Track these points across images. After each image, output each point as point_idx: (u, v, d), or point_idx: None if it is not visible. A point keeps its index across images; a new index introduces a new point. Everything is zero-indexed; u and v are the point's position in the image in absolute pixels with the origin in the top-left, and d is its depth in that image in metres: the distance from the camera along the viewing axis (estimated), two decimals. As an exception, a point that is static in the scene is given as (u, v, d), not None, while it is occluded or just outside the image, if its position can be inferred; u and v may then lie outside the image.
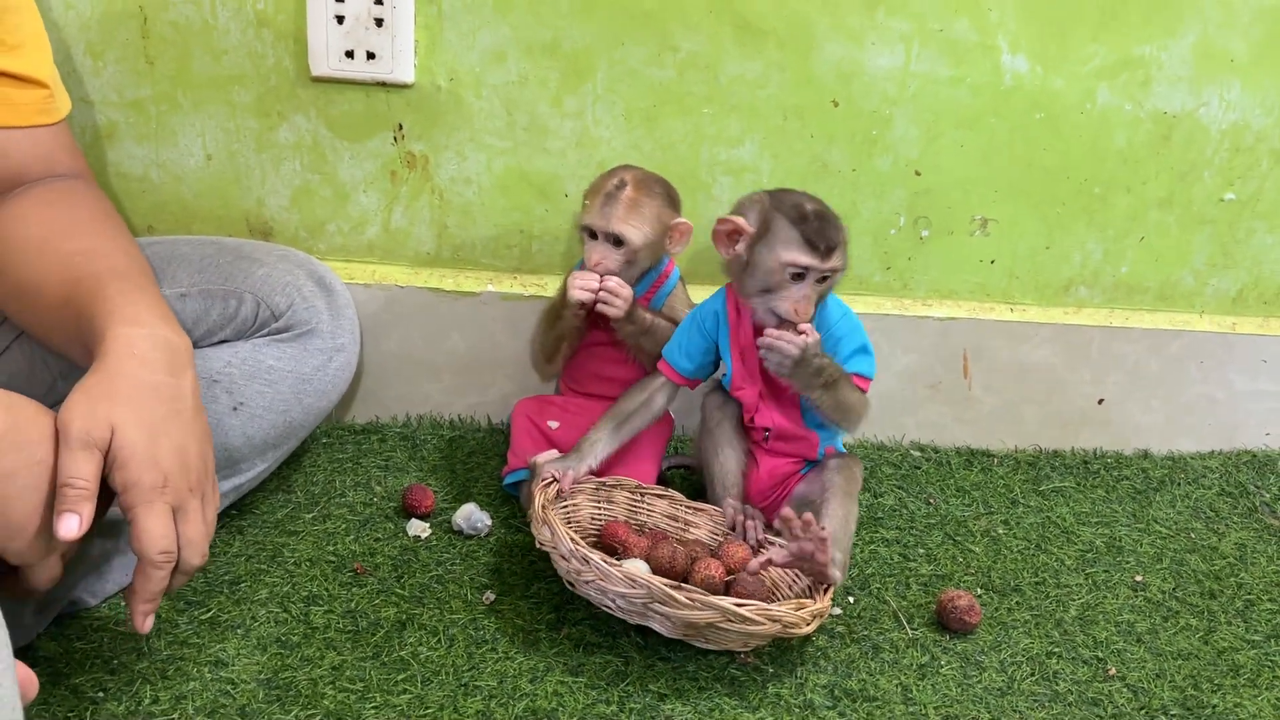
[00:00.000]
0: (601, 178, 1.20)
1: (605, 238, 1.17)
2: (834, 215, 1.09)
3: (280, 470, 1.26)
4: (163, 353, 0.86)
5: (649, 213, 1.17)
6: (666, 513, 1.20)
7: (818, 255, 1.06)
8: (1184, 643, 1.12)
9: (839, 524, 1.11)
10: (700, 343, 1.18)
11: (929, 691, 1.01)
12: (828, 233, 1.06)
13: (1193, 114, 1.34)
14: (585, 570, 0.98)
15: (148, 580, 0.81)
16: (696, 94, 1.29)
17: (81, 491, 0.77)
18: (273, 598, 1.06)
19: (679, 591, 0.95)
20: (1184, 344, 1.44)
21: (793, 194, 1.10)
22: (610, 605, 0.99)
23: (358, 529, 1.18)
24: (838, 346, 1.13)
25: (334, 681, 0.96)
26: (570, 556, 0.99)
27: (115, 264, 0.94)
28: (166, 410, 0.84)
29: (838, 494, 1.13)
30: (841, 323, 1.14)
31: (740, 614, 0.94)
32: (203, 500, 0.85)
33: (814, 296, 1.09)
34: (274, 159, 1.31)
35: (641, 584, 0.95)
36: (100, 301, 0.88)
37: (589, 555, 0.97)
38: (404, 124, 1.29)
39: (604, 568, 0.96)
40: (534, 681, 0.98)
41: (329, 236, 1.35)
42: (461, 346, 1.38)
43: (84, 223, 1.00)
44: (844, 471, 1.16)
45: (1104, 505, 1.37)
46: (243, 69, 1.26)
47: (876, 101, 1.30)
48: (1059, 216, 1.38)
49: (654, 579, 0.95)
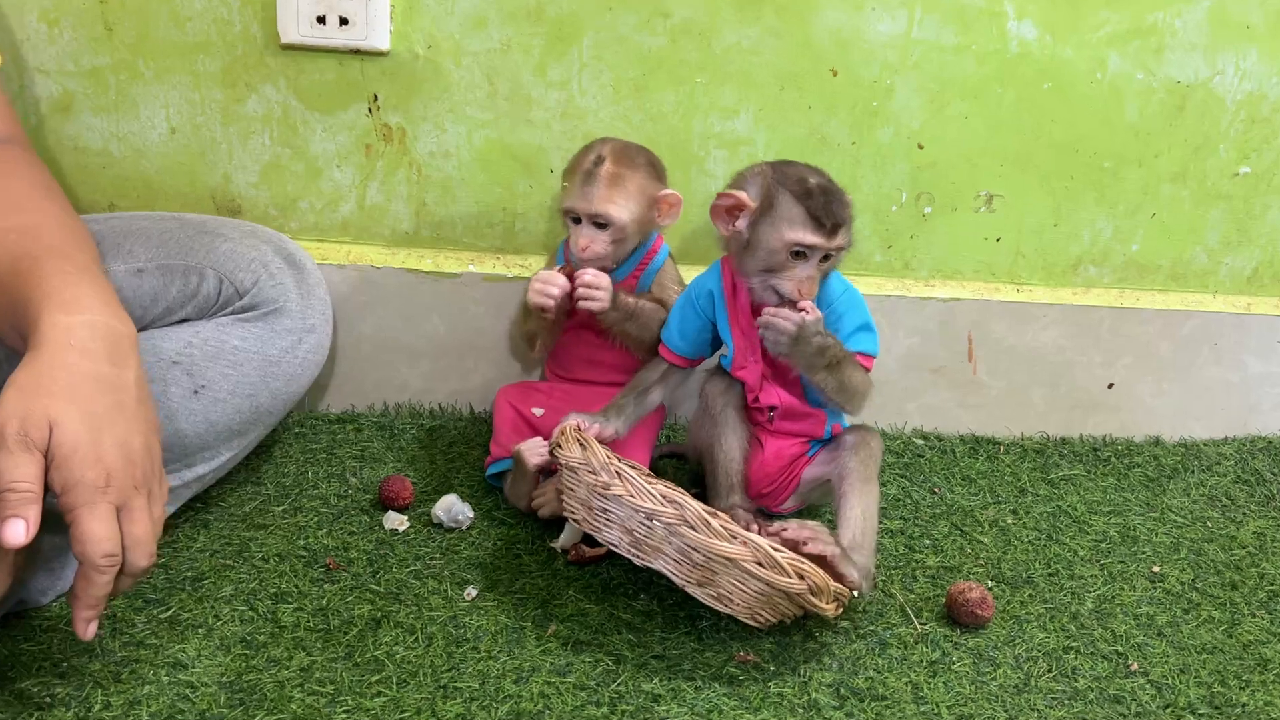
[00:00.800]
0: (579, 155, 1.14)
1: (590, 220, 1.11)
2: (839, 190, 1.03)
3: (249, 461, 1.19)
4: (104, 341, 0.80)
5: (633, 187, 1.11)
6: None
7: (823, 233, 1.01)
8: (1207, 636, 1.06)
9: (857, 527, 1.05)
10: (695, 322, 1.12)
11: (941, 690, 0.95)
12: (834, 209, 1.01)
13: (1207, 83, 1.28)
14: (614, 484, 0.93)
15: (90, 585, 0.76)
16: (689, 62, 1.22)
17: (24, 495, 0.73)
18: (238, 595, 0.99)
19: (715, 519, 0.90)
20: (1197, 325, 1.38)
21: (796, 166, 1.04)
22: (616, 543, 0.95)
23: (331, 522, 1.11)
24: (840, 323, 1.08)
25: (302, 684, 0.89)
26: (600, 469, 0.94)
27: (54, 242, 0.88)
28: (109, 402, 0.78)
29: (855, 485, 1.07)
30: (844, 298, 1.09)
31: (774, 557, 0.89)
32: (149, 497, 0.80)
33: (818, 276, 1.03)
34: (242, 132, 1.24)
35: (677, 502, 0.90)
36: (36, 284, 0.82)
37: (623, 469, 0.93)
38: (379, 94, 1.22)
39: (639, 481, 0.92)
40: (518, 682, 0.91)
41: (301, 214, 1.28)
42: (441, 330, 1.31)
43: (19, 195, 0.93)
44: (860, 452, 1.10)
45: (1116, 494, 1.31)
46: (208, 36, 1.19)
47: (877, 70, 1.24)
48: (1067, 192, 1.32)
49: (690, 499, 0.91)
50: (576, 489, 0.98)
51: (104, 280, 0.86)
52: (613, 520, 0.95)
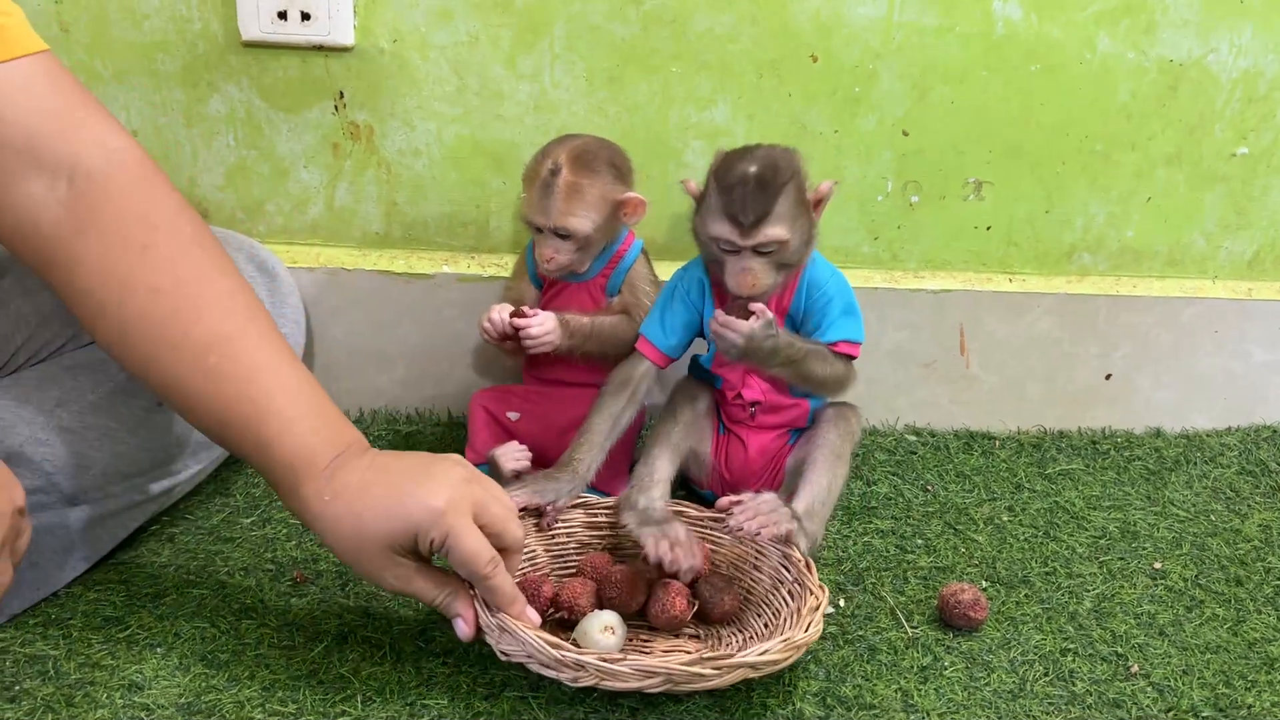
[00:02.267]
0: (535, 160, 1.08)
1: (550, 231, 1.07)
2: (771, 181, 0.97)
3: (219, 472, 1.16)
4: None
5: (592, 196, 1.06)
6: (584, 522, 1.06)
7: (739, 230, 0.97)
8: (1211, 635, 1.01)
9: (818, 497, 1.03)
10: (683, 315, 1.08)
11: (932, 696, 0.91)
12: (751, 204, 0.96)
13: (1201, 61, 1.23)
14: (582, 676, 0.82)
15: None
16: (663, 51, 1.19)
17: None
18: (200, 611, 0.96)
19: (703, 665, 0.81)
20: (1197, 312, 1.34)
21: (749, 153, 1.00)
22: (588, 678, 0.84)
23: (300, 534, 1.08)
24: (829, 307, 1.05)
25: (263, 704, 0.85)
26: (558, 666, 0.83)
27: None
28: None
29: (825, 456, 1.05)
30: (832, 282, 1.06)
31: (766, 662, 0.83)
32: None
33: (759, 269, 0.99)
34: (205, 133, 1.20)
35: (660, 671, 0.81)
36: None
37: (582, 659, 0.82)
38: (345, 91, 1.19)
39: (608, 668, 0.82)
40: (489, 699, 0.87)
41: (268, 217, 1.25)
42: (415, 334, 1.27)
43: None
44: (837, 427, 1.07)
45: (1116, 488, 1.27)
46: (166, 35, 1.16)
47: (859, 55, 1.20)
48: (1059, 177, 1.28)
49: (671, 663, 0.82)
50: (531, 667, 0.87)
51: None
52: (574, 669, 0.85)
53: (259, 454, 0.85)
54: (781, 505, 0.99)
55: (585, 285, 1.13)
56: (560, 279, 1.12)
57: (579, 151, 1.06)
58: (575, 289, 1.13)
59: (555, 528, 1.03)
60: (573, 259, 1.08)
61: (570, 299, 1.13)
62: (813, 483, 1.03)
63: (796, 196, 0.99)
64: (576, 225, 1.06)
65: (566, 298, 1.13)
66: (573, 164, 1.05)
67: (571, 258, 1.08)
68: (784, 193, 0.98)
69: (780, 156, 1.00)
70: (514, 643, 0.85)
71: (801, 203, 1.00)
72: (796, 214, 0.99)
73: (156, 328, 0.84)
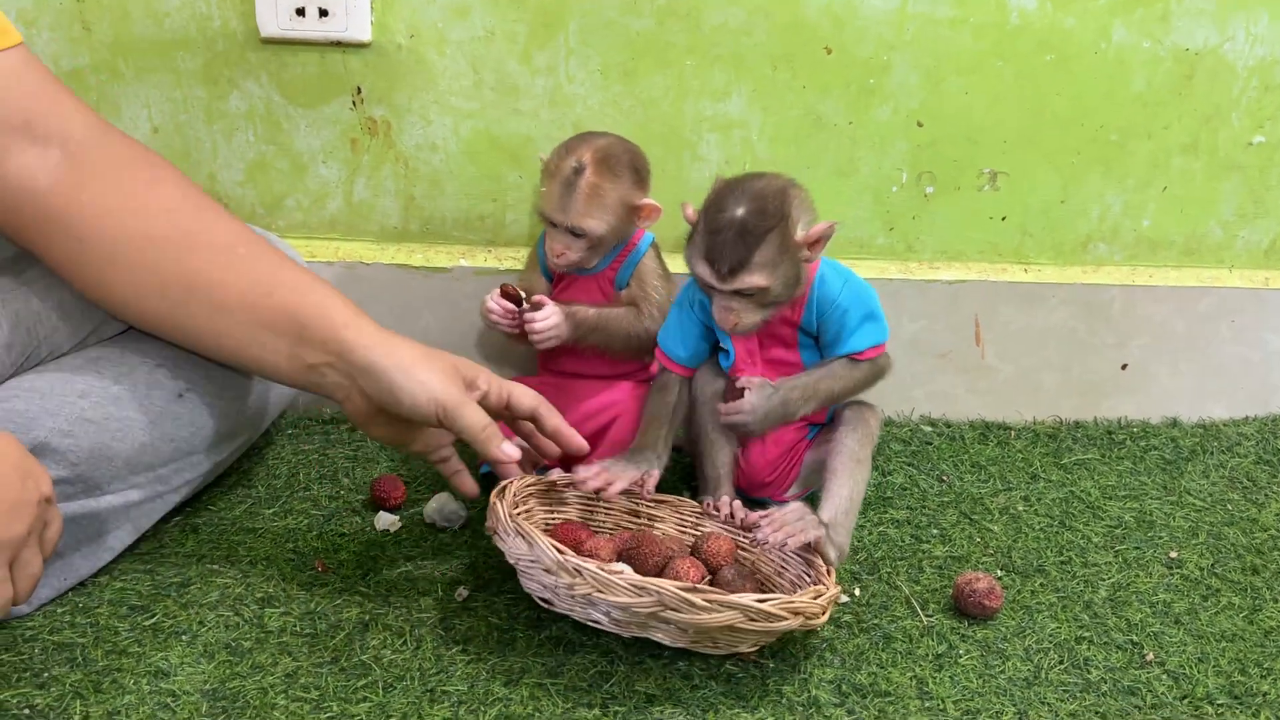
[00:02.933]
0: (559, 156, 1.08)
1: (565, 229, 1.08)
2: (754, 228, 0.95)
3: (239, 463, 1.17)
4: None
5: (612, 200, 1.07)
6: (626, 509, 1.09)
7: (718, 276, 0.97)
8: (1227, 623, 1.02)
9: (841, 506, 1.02)
10: (695, 329, 1.09)
11: (947, 684, 0.92)
12: (730, 252, 0.96)
13: (1217, 50, 1.23)
14: (578, 583, 0.86)
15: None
16: (678, 44, 1.19)
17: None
18: (224, 600, 0.97)
19: (695, 594, 0.84)
20: (1213, 302, 1.34)
21: (739, 191, 0.98)
22: (601, 621, 0.89)
23: (321, 524, 1.09)
24: (845, 319, 1.04)
25: (286, 690, 0.87)
26: (558, 569, 0.87)
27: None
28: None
29: (846, 463, 1.05)
30: (845, 293, 1.04)
31: (764, 610, 0.84)
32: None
33: (740, 309, 0.99)
34: (225, 130, 1.22)
35: (651, 590, 0.84)
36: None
37: (581, 565, 0.85)
38: (363, 87, 1.20)
39: (603, 576, 0.84)
40: (508, 685, 0.89)
41: (288, 212, 1.26)
42: (434, 327, 1.28)
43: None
44: (856, 430, 1.07)
45: (1131, 478, 1.27)
46: (187, 32, 1.17)
47: (873, 47, 1.20)
48: (1074, 167, 1.28)
49: (664, 583, 0.84)
50: (534, 575, 0.91)
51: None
52: (586, 604, 0.88)
53: (301, 314, 0.92)
54: (808, 513, 1.00)
55: (595, 278, 1.14)
56: (570, 272, 1.14)
57: (604, 154, 1.07)
58: (585, 281, 1.14)
59: (607, 505, 1.09)
60: (582, 256, 1.10)
61: (579, 291, 1.14)
62: (835, 493, 1.03)
63: (780, 242, 0.97)
64: (592, 227, 1.07)
65: (576, 290, 1.14)
66: (596, 165, 1.06)
67: (582, 255, 1.09)
68: (766, 241, 0.96)
69: (771, 198, 0.97)
70: (522, 545, 0.89)
71: (786, 248, 0.97)
72: (779, 260, 0.97)
73: (180, 238, 0.93)
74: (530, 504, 1.03)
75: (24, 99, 0.90)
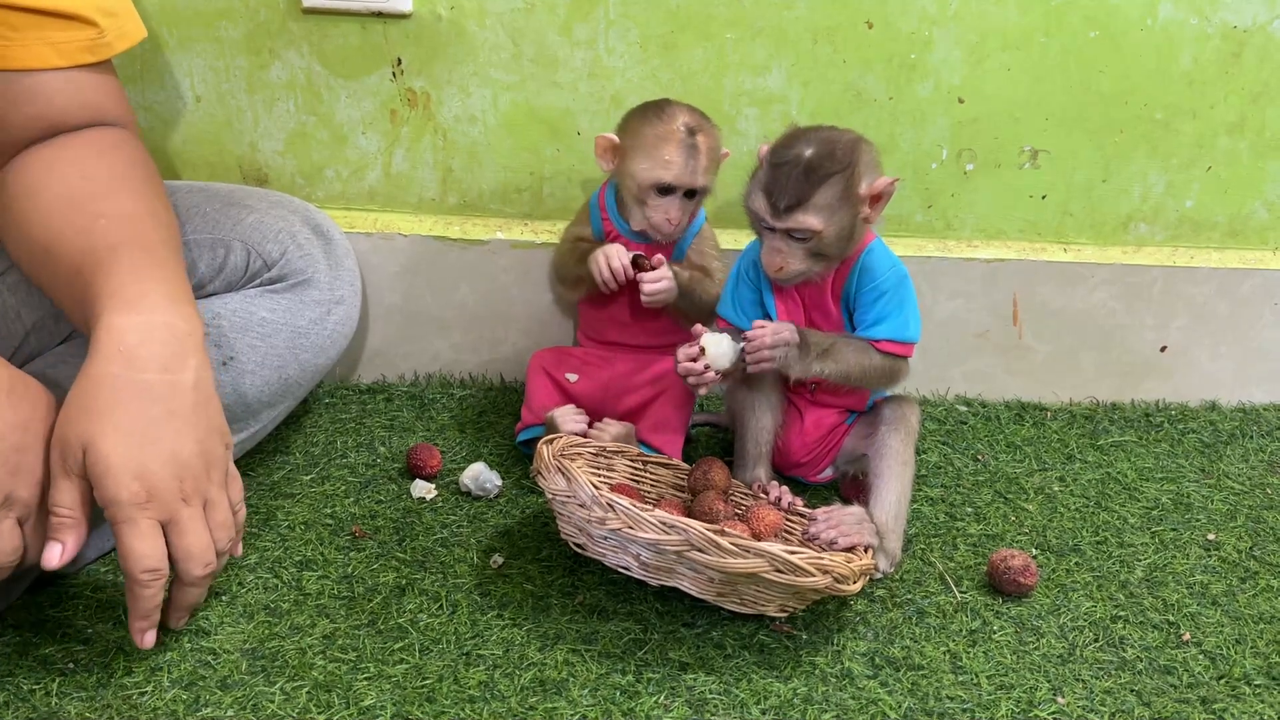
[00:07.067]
0: (655, 122, 1.07)
1: (682, 192, 1.08)
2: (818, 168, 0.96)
3: (278, 431, 1.18)
4: (159, 345, 0.80)
5: (717, 156, 1.11)
6: (671, 483, 1.11)
7: (773, 211, 0.99)
8: (1265, 605, 1.01)
9: (891, 511, 1.03)
10: (749, 294, 1.09)
11: (981, 659, 0.92)
12: (791, 188, 0.97)
13: (1265, 27, 1.21)
14: (610, 517, 0.87)
15: (136, 599, 0.79)
16: (718, 17, 1.19)
17: (64, 520, 0.76)
18: (263, 563, 0.98)
19: (723, 538, 0.85)
20: (1256, 284, 1.32)
21: (812, 134, 0.99)
22: (629, 566, 0.90)
23: (358, 491, 1.10)
24: (878, 301, 1.04)
25: (324, 651, 0.88)
26: (592, 503, 0.88)
27: (137, 232, 0.86)
28: (158, 412, 0.78)
29: (893, 466, 1.04)
30: (889, 275, 1.04)
31: (791, 562, 0.85)
32: (207, 504, 0.80)
33: (789, 252, 1.00)
34: (267, 100, 1.22)
35: (679, 528, 0.85)
36: (105, 279, 0.81)
37: (614, 500, 0.87)
38: (403, 58, 1.20)
39: (634, 512, 0.86)
40: (543, 650, 0.89)
41: (327, 183, 1.27)
42: (471, 299, 1.29)
43: (118, 181, 0.91)
44: (899, 430, 1.06)
45: (1169, 460, 1.26)
46: (230, 2, 1.18)
47: (915, 21, 1.19)
48: (1117, 146, 1.26)
49: (691, 522, 0.86)
50: (569, 517, 0.93)
51: (178, 273, 0.86)
52: (616, 546, 0.90)
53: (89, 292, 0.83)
54: (866, 520, 1.00)
55: (654, 249, 1.14)
56: (640, 241, 1.14)
57: (699, 115, 1.09)
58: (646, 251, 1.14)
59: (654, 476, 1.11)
60: (687, 221, 1.11)
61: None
62: (885, 498, 1.03)
63: (843, 189, 0.97)
64: (707, 182, 1.09)
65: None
66: (701, 126, 1.08)
67: (687, 219, 1.11)
68: (828, 183, 0.96)
69: (842, 145, 0.98)
70: (561, 481, 0.91)
71: (848, 197, 0.97)
72: (839, 206, 0.97)
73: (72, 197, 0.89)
74: (578, 463, 1.04)
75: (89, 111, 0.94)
